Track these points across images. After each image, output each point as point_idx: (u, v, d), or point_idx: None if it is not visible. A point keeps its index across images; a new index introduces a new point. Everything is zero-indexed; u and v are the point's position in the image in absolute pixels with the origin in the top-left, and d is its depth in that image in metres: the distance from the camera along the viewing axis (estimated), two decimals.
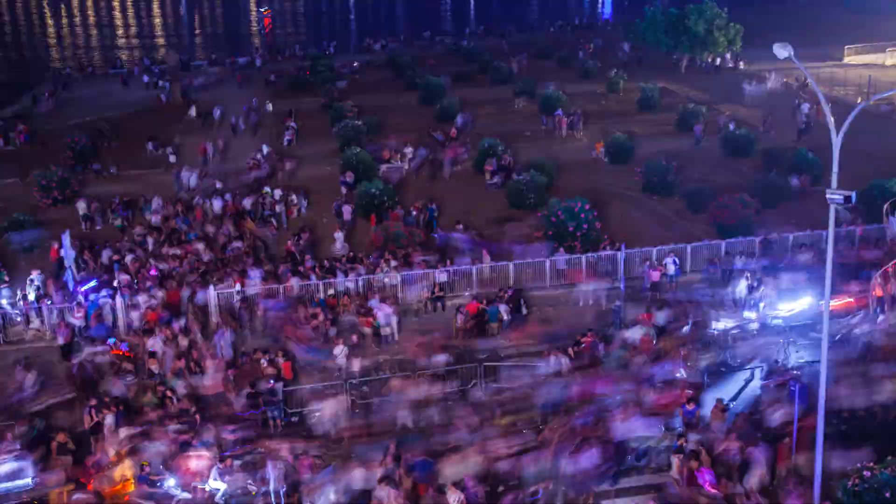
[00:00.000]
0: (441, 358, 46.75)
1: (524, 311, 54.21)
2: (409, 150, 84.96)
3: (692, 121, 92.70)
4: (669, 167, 74.20)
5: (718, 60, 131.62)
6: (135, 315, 51.82)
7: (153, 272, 56.59)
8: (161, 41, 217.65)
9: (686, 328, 49.57)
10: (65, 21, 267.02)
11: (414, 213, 68.89)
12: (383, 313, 51.95)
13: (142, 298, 52.59)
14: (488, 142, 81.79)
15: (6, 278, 58.27)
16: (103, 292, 54.02)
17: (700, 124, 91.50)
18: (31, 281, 55.27)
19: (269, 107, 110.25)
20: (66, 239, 57.08)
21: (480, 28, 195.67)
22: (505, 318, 52.74)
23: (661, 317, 50.35)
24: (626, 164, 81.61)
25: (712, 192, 69.08)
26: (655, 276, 56.40)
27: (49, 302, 53.24)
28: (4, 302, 54.95)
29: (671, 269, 57.32)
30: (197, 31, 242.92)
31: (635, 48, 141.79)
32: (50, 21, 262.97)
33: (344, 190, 74.98)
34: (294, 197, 73.77)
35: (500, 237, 64.02)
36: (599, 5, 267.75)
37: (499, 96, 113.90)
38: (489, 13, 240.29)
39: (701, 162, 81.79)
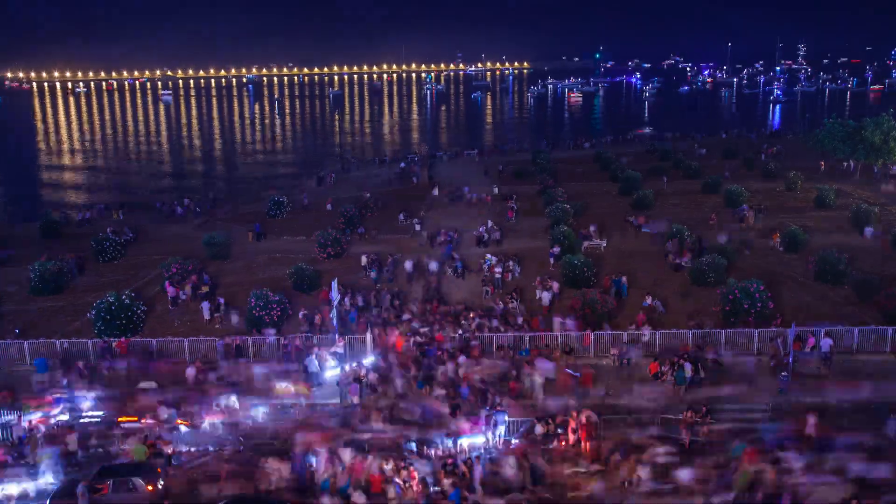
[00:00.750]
0: None
1: (701, 374, 49.44)
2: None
3: (864, 219, 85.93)
4: (841, 258, 67.94)
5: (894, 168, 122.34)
6: None
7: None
8: (416, 134, 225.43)
9: None
10: (347, 118, 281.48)
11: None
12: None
13: None
14: (676, 227, 78.30)
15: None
16: None
17: (871, 225, 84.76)
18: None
19: (496, 190, 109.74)
20: (335, 285, 57.87)
21: (676, 133, 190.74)
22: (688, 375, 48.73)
23: None
24: (800, 253, 75.71)
25: (881, 282, 63.21)
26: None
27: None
28: None
29: (825, 347, 52.37)
30: (442, 127, 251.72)
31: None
32: (332, 119, 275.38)
33: (552, 261, 73.94)
34: (510, 263, 72.29)
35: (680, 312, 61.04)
36: (774, 115, 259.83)
37: (688, 189, 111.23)
38: (683, 117, 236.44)
39: (872, 255, 75.23)
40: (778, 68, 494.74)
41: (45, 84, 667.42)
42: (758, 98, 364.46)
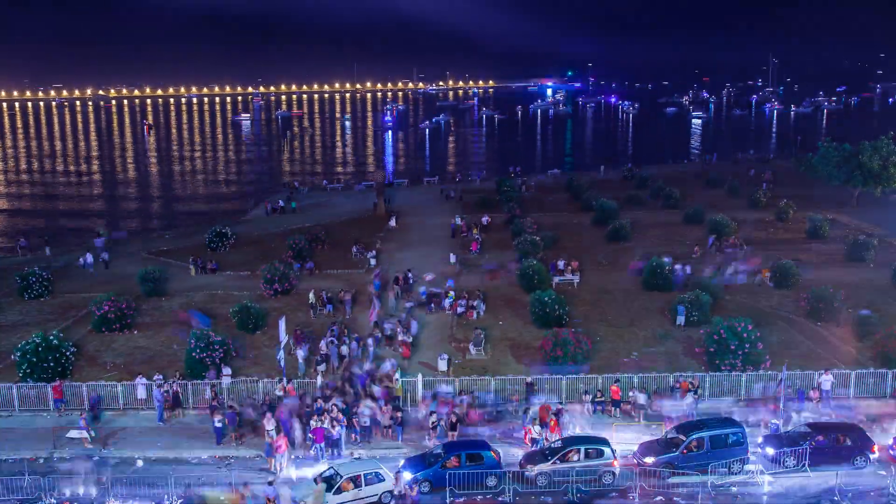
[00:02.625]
0: None
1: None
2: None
3: (862, 252, 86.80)
4: (836, 294, 68.29)
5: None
6: None
7: None
8: (371, 162, 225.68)
9: None
10: (296, 144, 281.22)
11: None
12: None
13: None
14: (656, 261, 78.52)
15: None
16: None
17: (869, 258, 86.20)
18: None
19: (459, 220, 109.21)
20: (283, 323, 58.16)
21: (668, 159, 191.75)
22: None
23: None
24: (792, 290, 76.00)
25: (879, 321, 63.62)
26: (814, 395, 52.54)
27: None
28: None
29: (826, 385, 52.96)
30: (401, 152, 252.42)
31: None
32: (284, 146, 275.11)
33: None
34: (474, 301, 72.08)
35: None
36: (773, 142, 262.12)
37: (668, 220, 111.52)
38: (663, 144, 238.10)
39: (870, 291, 75.59)
40: (781, 89, 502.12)
41: None
42: (749, 118, 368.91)
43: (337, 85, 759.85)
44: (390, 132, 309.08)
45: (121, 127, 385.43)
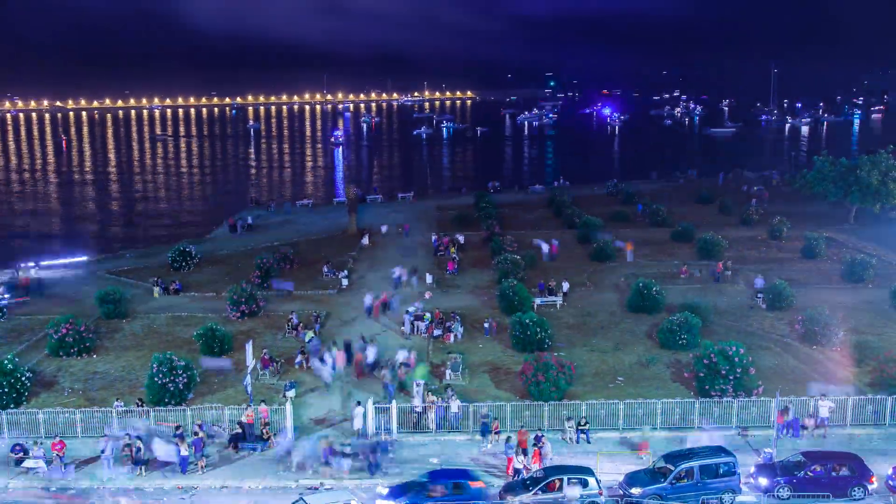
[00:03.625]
0: None
1: None
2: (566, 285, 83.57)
3: (860, 272, 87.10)
4: (833, 317, 68.40)
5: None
6: None
7: None
8: (344, 174, 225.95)
9: None
10: (264, 158, 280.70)
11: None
12: None
13: None
14: (642, 281, 78.57)
15: None
16: None
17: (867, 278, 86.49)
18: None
19: (434, 238, 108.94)
20: (249, 347, 58.43)
21: (653, 174, 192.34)
22: None
23: None
24: (786, 311, 76.19)
25: (879, 345, 63.98)
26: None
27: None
28: None
29: (824, 412, 52.88)
30: (375, 166, 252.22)
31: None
32: (252, 161, 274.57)
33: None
34: (451, 324, 72.09)
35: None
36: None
37: (656, 238, 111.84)
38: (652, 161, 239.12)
39: (869, 313, 75.96)
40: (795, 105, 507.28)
41: None
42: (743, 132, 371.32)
43: (307, 96, 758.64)
44: (340, 148, 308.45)
45: (79, 140, 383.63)
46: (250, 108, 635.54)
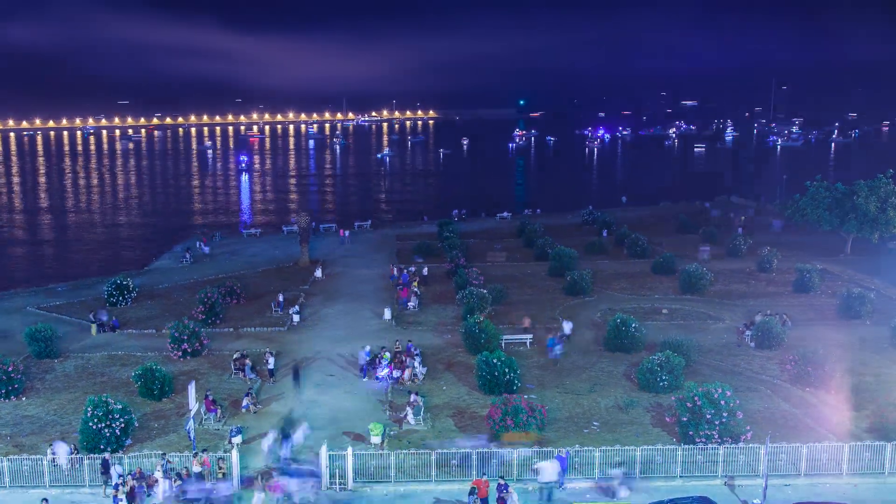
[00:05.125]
0: None
1: None
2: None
3: (857, 307, 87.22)
4: (827, 356, 68.45)
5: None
6: None
7: None
8: (293, 206, 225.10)
9: None
10: (208, 184, 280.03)
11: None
12: None
13: None
14: (620, 317, 78.47)
15: None
16: None
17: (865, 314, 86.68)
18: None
19: (395, 271, 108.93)
20: (192, 389, 57.90)
21: (623, 199, 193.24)
22: None
23: None
24: (776, 351, 76.34)
25: (877, 387, 64.29)
26: None
27: None
28: None
29: None
30: (328, 191, 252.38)
31: (789, 227, 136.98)
32: (196, 187, 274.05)
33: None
34: (408, 359, 72.31)
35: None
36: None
37: (635, 270, 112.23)
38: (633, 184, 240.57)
39: (867, 353, 76.08)
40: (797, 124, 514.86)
41: None
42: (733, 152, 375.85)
43: (255, 115, 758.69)
44: (245, 174, 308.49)
45: (6, 161, 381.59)
46: (192, 129, 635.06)
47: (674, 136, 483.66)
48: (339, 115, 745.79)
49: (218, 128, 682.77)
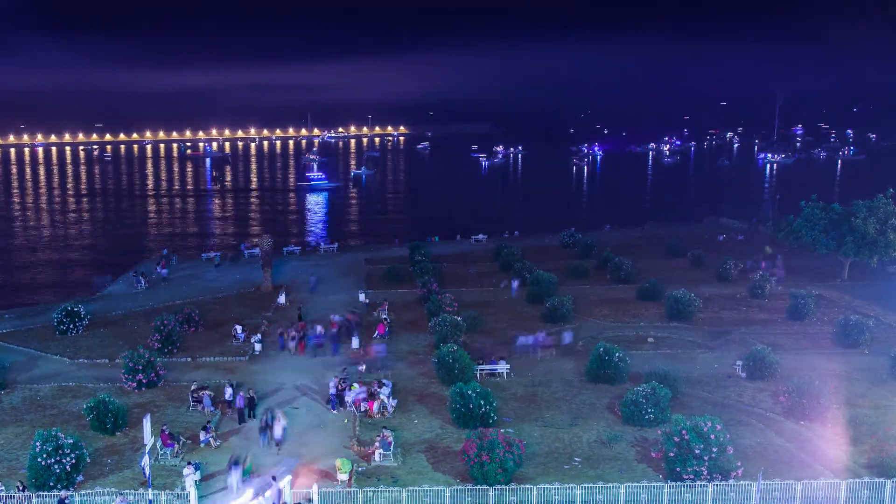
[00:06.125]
0: None
1: None
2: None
3: (855, 335, 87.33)
4: (824, 388, 68.70)
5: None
6: None
7: None
8: (256, 228, 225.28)
9: None
10: (165, 207, 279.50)
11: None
12: None
13: None
14: (603, 346, 78.45)
15: None
16: None
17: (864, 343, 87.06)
18: None
19: (362, 296, 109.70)
20: (147, 422, 57.43)
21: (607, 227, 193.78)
22: None
23: None
24: (768, 381, 76.55)
25: (876, 420, 64.51)
26: None
27: None
28: None
29: None
30: (292, 211, 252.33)
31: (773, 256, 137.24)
32: (152, 209, 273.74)
33: None
34: (377, 389, 72.50)
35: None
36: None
37: (619, 296, 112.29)
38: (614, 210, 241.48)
39: (866, 383, 76.36)
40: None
41: None
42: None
43: (215, 132, 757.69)
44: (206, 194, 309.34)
45: None
46: (148, 146, 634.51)
47: (667, 154, 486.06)
48: (303, 132, 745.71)
49: (175, 144, 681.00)
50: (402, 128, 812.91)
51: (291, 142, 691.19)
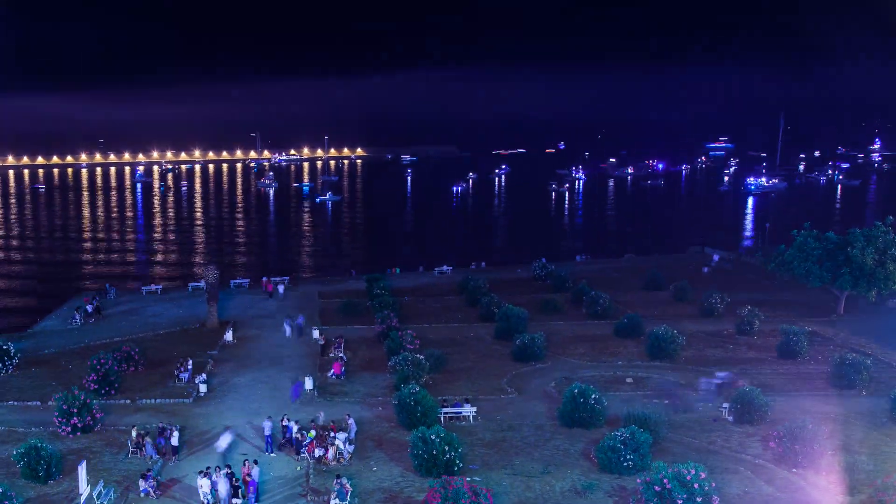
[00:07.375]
0: None
1: None
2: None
3: (851, 375, 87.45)
4: (817, 432, 68.60)
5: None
6: None
7: None
8: (199, 259, 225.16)
9: None
10: (101, 237, 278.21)
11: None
12: None
13: None
14: (577, 387, 78.33)
15: None
16: None
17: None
18: None
19: (316, 333, 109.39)
20: (83, 470, 58.40)
21: (585, 257, 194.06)
22: None
23: None
24: (757, 426, 76.85)
25: (874, 468, 64.84)
26: None
27: None
28: None
29: None
30: (241, 250, 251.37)
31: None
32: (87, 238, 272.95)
33: None
34: (338, 440, 71.75)
35: None
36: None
37: (595, 332, 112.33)
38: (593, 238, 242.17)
39: (863, 428, 76.68)
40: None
41: None
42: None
43: (156, 154, 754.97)
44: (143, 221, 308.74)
45: None
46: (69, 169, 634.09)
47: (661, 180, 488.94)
48: (252, 154, 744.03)
49: (112, 168, 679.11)
50: (359, 150, 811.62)
51: (239, 164, 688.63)
